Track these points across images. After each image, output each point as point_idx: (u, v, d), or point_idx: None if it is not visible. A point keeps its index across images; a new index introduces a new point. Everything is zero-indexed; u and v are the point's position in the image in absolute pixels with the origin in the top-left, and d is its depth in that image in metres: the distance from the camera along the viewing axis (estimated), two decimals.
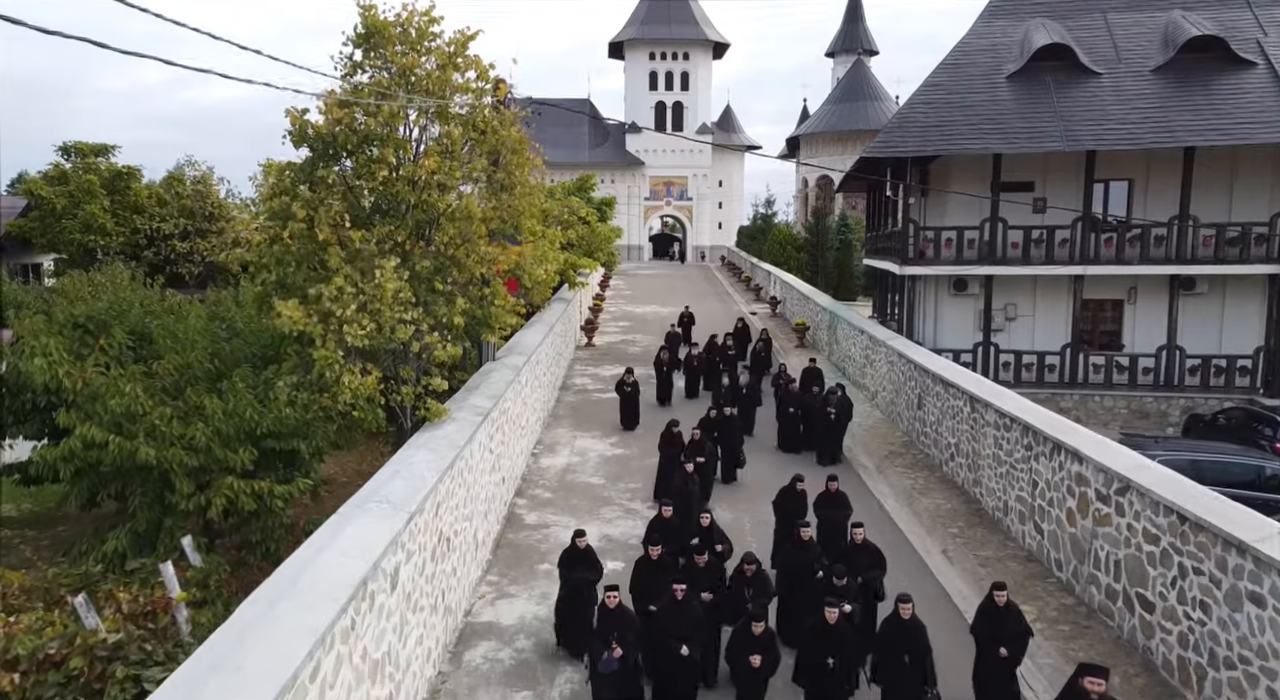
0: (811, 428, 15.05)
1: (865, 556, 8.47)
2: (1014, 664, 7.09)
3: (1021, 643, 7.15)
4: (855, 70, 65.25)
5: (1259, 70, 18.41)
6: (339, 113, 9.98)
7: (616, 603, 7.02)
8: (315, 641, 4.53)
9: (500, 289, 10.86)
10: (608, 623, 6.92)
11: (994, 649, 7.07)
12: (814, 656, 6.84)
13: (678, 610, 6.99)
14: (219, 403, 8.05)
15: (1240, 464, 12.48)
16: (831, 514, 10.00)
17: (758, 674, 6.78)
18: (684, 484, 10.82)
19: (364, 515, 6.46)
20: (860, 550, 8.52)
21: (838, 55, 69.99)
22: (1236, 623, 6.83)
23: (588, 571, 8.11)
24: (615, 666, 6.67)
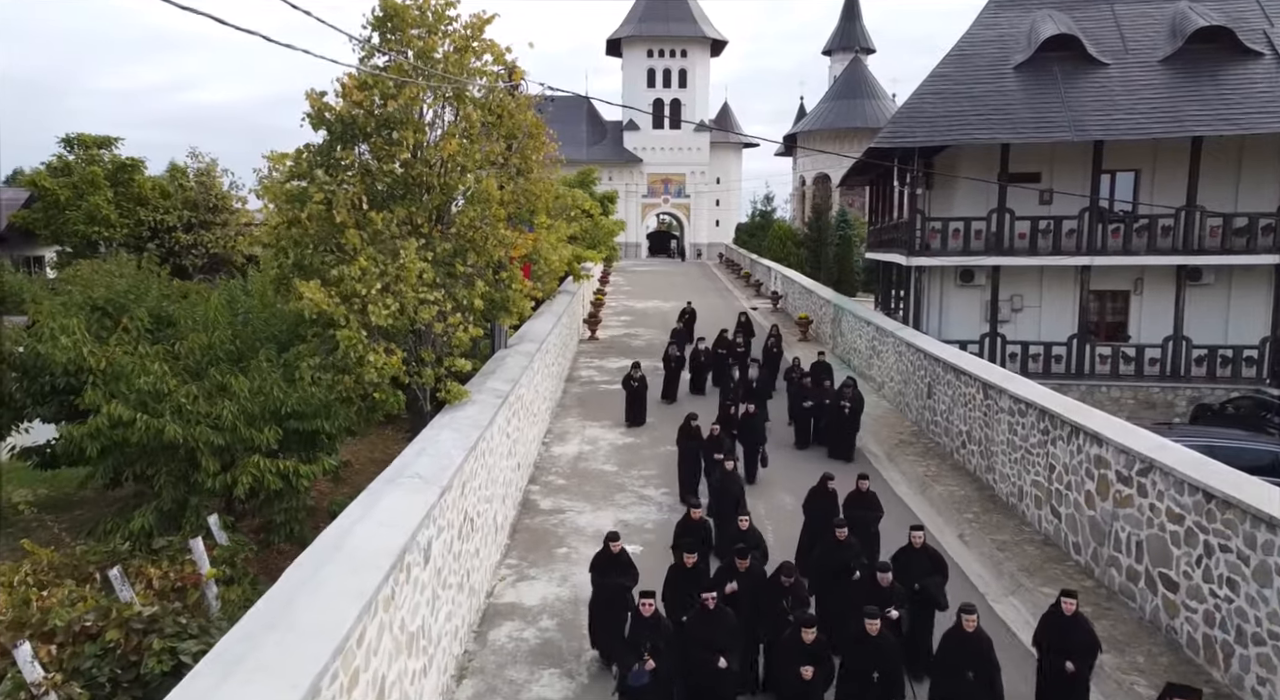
0: (825, 423, 14.77)
1: (924, 561, 7.72)
2: (1082, 680, 6.52)
3: (1090, 657, 6.63)
4: (852, 68, 65.34)
5: (1266, 60, 18.48)
6: (358, 96, 9.94)
7: (652, 611, 6.54)
8: (363, 606, 4.52)
9: (517, 273, 10.84)
10: (641, 631, 6.44)
11: (1060, 662, 6.51)
12: (856, 666, 6.28)
13: (711, 620, 6.50)
14: (244, 381, 8.01)
15: (1253, 450, 12.54)
16: (862, 514, 9.34)
17: (810, 687, 6.13)
18: (724, 481, 10.27)
19: (397, 489, 6.45)
20: (919, 554, 7.73)
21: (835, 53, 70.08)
22: (1266, 599, 6.86)
23: (621, 576, 7.61)
24: (646, 680, 6.20)
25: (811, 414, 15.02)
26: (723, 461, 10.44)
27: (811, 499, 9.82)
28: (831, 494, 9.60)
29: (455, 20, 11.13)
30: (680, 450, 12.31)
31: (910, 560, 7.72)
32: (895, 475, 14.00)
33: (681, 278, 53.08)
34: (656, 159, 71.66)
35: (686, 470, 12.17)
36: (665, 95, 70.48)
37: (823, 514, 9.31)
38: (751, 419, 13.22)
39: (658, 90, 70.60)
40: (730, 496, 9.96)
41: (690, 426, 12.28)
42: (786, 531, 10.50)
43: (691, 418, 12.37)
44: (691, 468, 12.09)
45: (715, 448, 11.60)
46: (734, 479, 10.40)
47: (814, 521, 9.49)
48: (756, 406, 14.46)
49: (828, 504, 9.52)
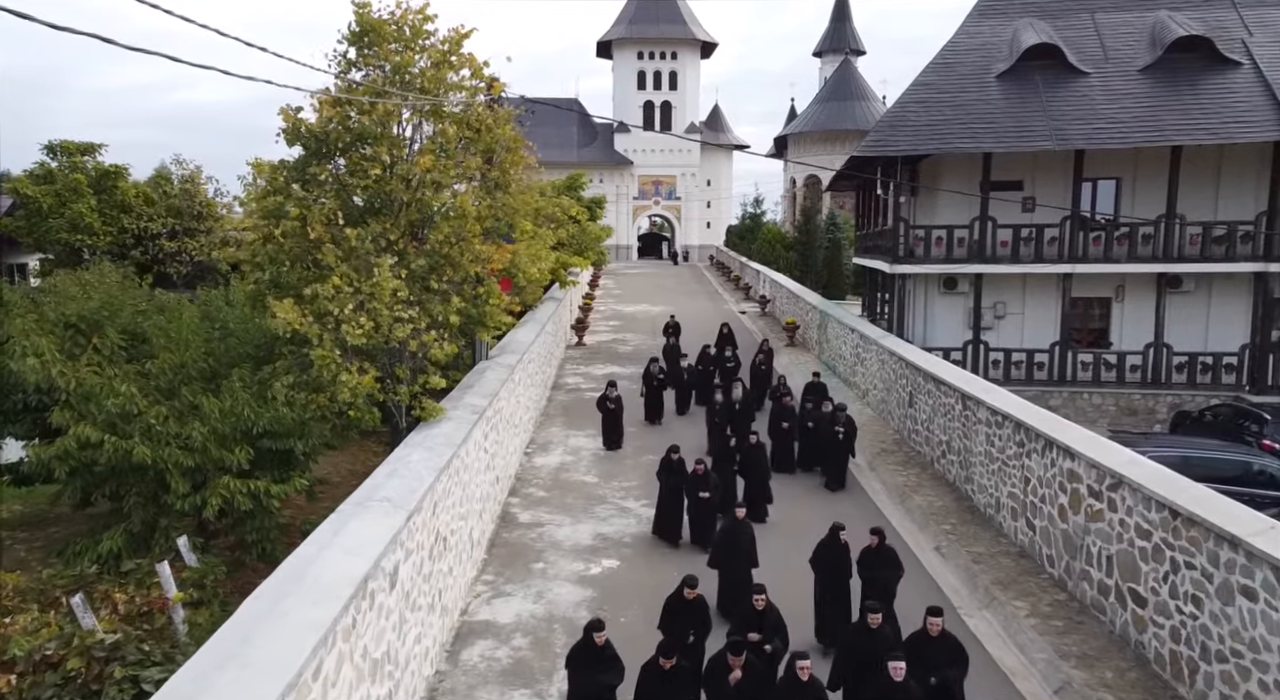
0: (815, 448, 13.78)
1: (941, 651, 6.64)
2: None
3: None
4: (843, 70, 65.56)
5: (1244, 70, 18.67)
6: (332, 111, 9.94)
7: None
8: (319, 639, 4.52)
9: (494, 287, 10.84)
10: None
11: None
12: None
13: None
14: (216, 402, 7.99)
15: (1228, 460, 12.66)
16: (879, 574, 8.25)
17: None
18: (733, 532, 8.73)
19: (365, 513, 6.44)
20: (936, 643, 6.62)
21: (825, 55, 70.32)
22: (1229, 616, 6.93)
23: (604, 673, 6.41)
24: None
25: (791, 436, 13.95)
26: (735, 508, 9.01)
27: (821, 554, 8.49)
28: (844, 548, 8.39)
29: (433, 35, 11.14)
30: (661, 488, 11.01)
31: (926, 649, 6.60)
32: (876, 485, 14.06)
33: (671, 281, 53.13)
34: (647, 161, 71.71)
35: (668, 512, 10.89)
36: (656, 97, 70.56)
37: (836, 573, 8.29)
38: (756, 451, 11.80)
39: (648, 92, 70.67)
40: (741, 552, 8.62)
41: (671, 460, 10.94)
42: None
43: (673, 450, 11.04)
44: (674, 509, 10.86)
45: (701, 486, 10.52)
46: (745, 530, 8.85)
47: (826, 583, 8.37)
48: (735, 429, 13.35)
49: (840, 559, 8.35)
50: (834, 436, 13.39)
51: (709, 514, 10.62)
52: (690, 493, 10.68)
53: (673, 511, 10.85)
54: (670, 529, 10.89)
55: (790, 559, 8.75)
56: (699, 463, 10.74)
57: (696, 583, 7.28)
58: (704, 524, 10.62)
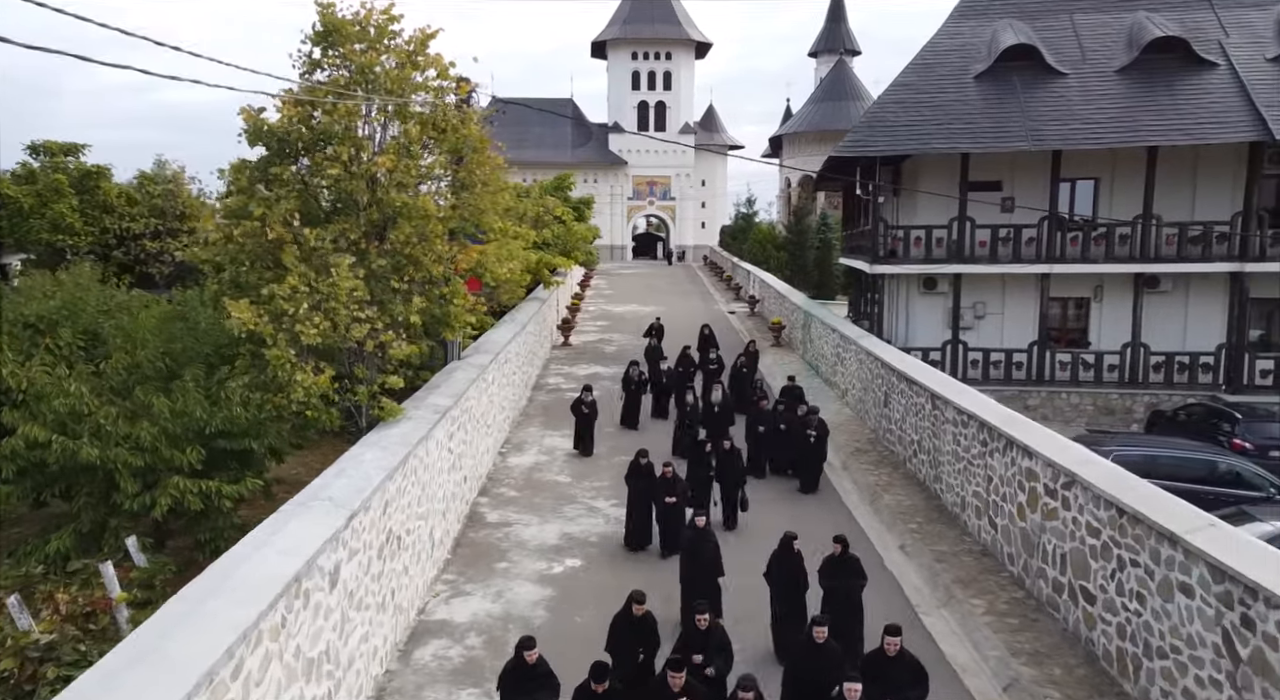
0: (788, 452, 13.62)
1: (901, 671, 6.31)
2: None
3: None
4: (837, 70, 65.63)
5: (1220, 71, 18.74)
6: (294, 111, 9.96)
7: None
8: (237, 638, 4.54)
9: (460, 288, 10.86)
10: None
11: None
12: None
13: None
14: (166, 402, 8.01)
15: (1194, 459, 12.72)
16: (841, 584, 7.93)
17: None
18: (696, 542, 8.49)
19: (306, 513, 6.46)
20: (894, 663, 6.29)
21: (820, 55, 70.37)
22: (1169, 613, 6.98)
23: (537, 692, 6.17)
24: None
25: (766, 440, 13.74)
26: (695, 516, 8.67)
27: (775, 565, 8.17)
28: (798, 557, 8.05)
29: (398, 35, 11.15)
30: (630, 492, 10.80)
31: (886, 669, 6.27)
32: (848, 484, 14.09)
33: (664, 281, 53.17)
34: (642, 161, 71.80)
35: (638, 517, 10.69)
36: (650, 97, 70.63)
37: (790, 586, 7.97)
38: (731, 456, 11.49)
39: (643, 92, 70.75)
40: (702, 563, 8.33)
41: (640, 464, 10.74)
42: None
43: (641, 454, 10.89)
44: (643, 514, 10.65)
45: (668, 490, 10.33)
46: (707, 539, 8.55)
47: (781, 597, 8.03)
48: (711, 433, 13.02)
49: (794, 571, 8.02)
50: (806, 440, 13.26)
51: (677, 519, 10.33)
52: (657, 497, 10.48)
53: (642, 516, 10.69)
54: (639, 535, 10.73)
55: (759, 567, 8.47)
56: (667, 466, 10.59)
57: (644, 599, 6.95)
58: (672, 529, 10.41)
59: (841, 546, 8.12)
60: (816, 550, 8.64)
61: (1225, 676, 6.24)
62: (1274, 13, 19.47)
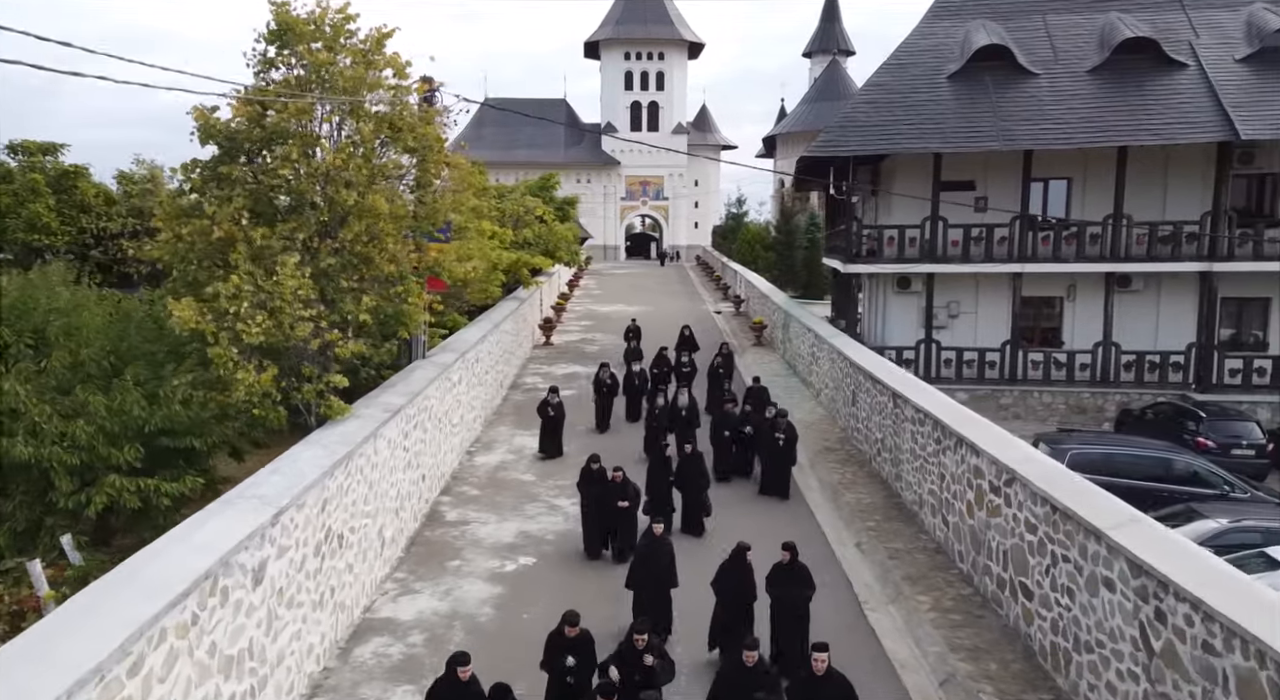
0: (755, 455, 13.43)
1: (830, 691, 6.10)
2: None
3: None
4: (831, 70, 65.70)
5: (1190, 71, 18.81)
6: (246, 110, 9.98)
7: None
8: (132, 634, 4.56)
9: (414, 287, 10.88)
10: None
11: None
12: None
13: None
14: (103, 400, 8.03)
15: (1151, 457, 12.78)
16: (788, 593, 7.78)
17: None
18: (650, 550, 8.28)
19: (229, 510, 6.49)
20: (823, 682, 6.08)
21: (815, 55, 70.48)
22: (1094, 607, 7.03)
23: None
24: None
25: (733, 443, 13.58)
26: (653, 524, 8.47)
27: (723, 576, 7.92)
28: (748, 568, 7.87)
29: (354, 34, 11.17)
30: (582, 499, 10.66)
31: (814, 690, 6.11)
32: (813, 482, 14.13)
33: (654, 281, 53.22)
34: (635, 161, 71.91)
35: (591, 524, 10.55)
36: (643, 98, 70.78)
37: (737, 596, 7.77)
38: (693, 460, 11.33)
39: (636, 92, 70.88)
40: (655, 574, 8.12)
41: (591, 470, 10.61)
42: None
43: (593, 460, 10.74)
44: (594, 522, 10.52)
45: (620, 495, 10.22)
46: (662, 548, 8.33)
47: (729, 608, 7.82)
48: (679, 436, 13.18)
49: (743, 582, 7.80)
50: (774, 443, 12.92)
51: (629, 524, 10.24)
52: (609, 502, 10.28)
53: (595, 523, 10.52)
54: (591, 540, 10.57)
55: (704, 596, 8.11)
56: (617, 471, 10.45)
57: (577, 620, 6.69)
58: (624, 535, 10.32)
59: (791, 554, 7.93)
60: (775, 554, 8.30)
61: (1141, 669, 6.29)
62: (1243, 14, 19.55)
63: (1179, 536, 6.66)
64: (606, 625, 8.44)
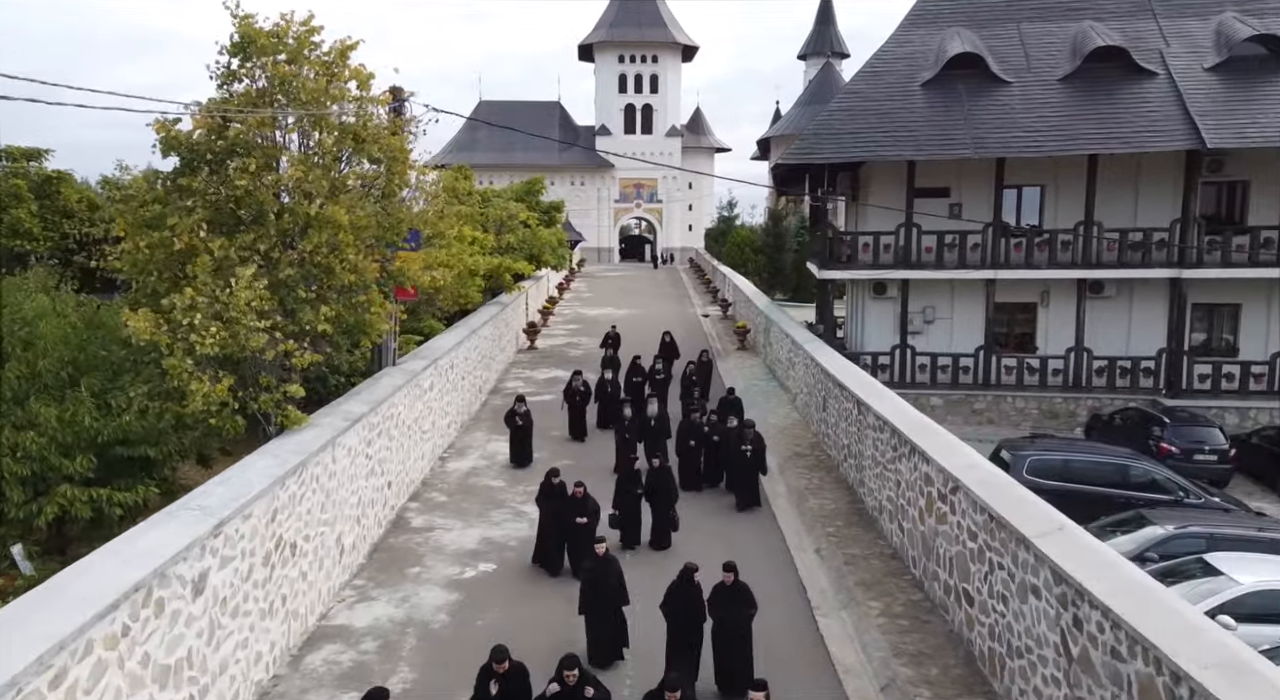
0: (724, 467, 13.40)
1: None
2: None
3: None
4: (824, 73, 65.89)
5: (1160, 80, 18.99)
6: (207, 122, 10.10)
7: None
8: (51, 648, 4.68)
9: (376, 296, 11.01)
10: None
11: None
12: None
13: None
14: (53, 411, 8.15)
15: (1107, 463, 12.94)
16: (730, 613, 7.83)
17: None
18: (597, 572, 8.27)
19: (170, 522, 6.60)
20: None
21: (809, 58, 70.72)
22: (1024, 614, 7.18)
23: None
24: None
25: (699, 453, 13.55)
26: (596, 544, 8.51)
27: (671, 597, 7.95)
28: (696, 589, 7.89)
29: (318, 47, 11.30)
30: (540, 514, 10.59)
31: None
32: (781, 487, 14.26)
33: (645, 284, 53.36)
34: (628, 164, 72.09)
35: (548, 540, 10.38)
36: (637, 100, 71.05)
37: (687, 618, 7.83)
38: (661, 474, 11.29)
39: (629, 95, 71.15)
40: (604, 595, 8.13)
41: (551, 484, 10.58)
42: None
43: (552, 474, 10.76)
44: (551, 537, 10.36)
45: (578, 510, 10.11)
46: (611, 568, 8.33)
47: (678, 628, 7.86)
48: (648, 446, 13.20)
49: (692, 603, 7.86)
50: (741, 455, 12.88)
51: (587, 540, 9.64)
52: (568, 518, 10.15)
53: (553, 538, 10.36)
54: (551, 557, 10.40)
55: None
56: (578, 486, 10.35)
57: (504, 656, 6.53)
58: (582, 551, 9.77)
59: (733, 575, 7.91)
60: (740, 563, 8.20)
61: (1063, 674, 6.43)
62: (1214, 22, 19.75)
63: (1100, 545, 6.81)
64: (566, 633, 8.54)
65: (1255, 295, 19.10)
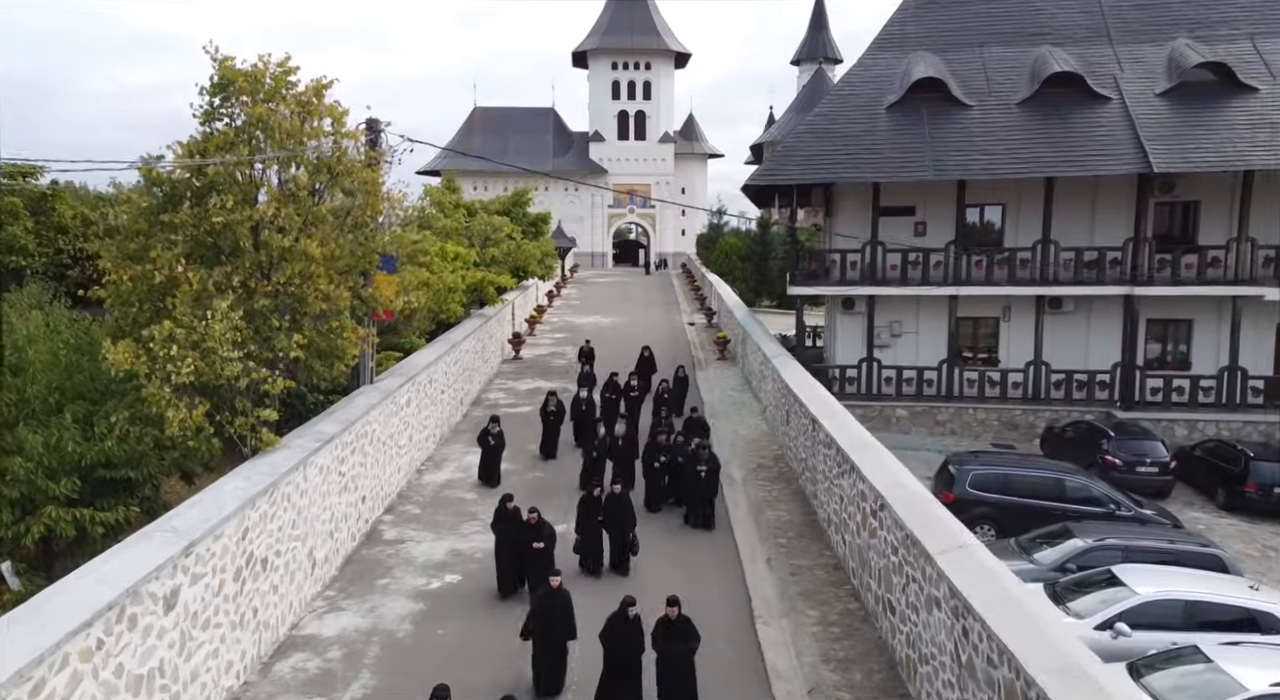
0: (680, 486, 13.60)
1: None
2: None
3: None
4: (816, 79, 66.41)
5: (1113, 105, 19.72)
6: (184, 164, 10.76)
7: None
8: (30, 661, 5.32)
9: (348, 322, 11.66)
10: None
11: None
12: None
13: None
14: (39, 438, 8.78)
15: (1044, 477, 13.63)
16: (672, 648, 7.99)
17: None
18: (546, 601, 8.46)
19: (143, 543, 7.24)
20: None
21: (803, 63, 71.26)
22: (930, 624, 7.84)
23: None
24: None
25: (664, 473, 13.77)
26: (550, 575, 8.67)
27: (610, 630, 8.05)
28: (634, 622, 8.03)
29: (295, 86, 11.97)
30: (496, 539, 10.74)
31: None
32: (741, 499, 14.90)
33: (636, 290, 53.78)
34: (622, 169, 72.81)
35: (504, 565, 10.55)
36: (630, 107, 71.71)
37: (623, 650, 7.95)
38: (619, 500, 11.44)
39: (623, 102, 71.80)
40: (551, 625, 8.31)
41: (506, 509, 10.75)
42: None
43: (507, 499, 10.95)
44: (508, 565, 10.55)
45: (534, 536, 10.28)
46: (560, 600, 8.50)
47: (614, 659, 7.98)
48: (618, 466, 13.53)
49: (630, 636, 7.99)
50: (695, 475, 13.15)
51: (542, 566, 9.86)
52: (524, 542, 10.37)
53: (509, 563, 10.57)
54: (505, 580, 10.63)
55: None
56: (532, 512, 10.57)
57: (446, 694, 6.72)
58: (538, 576, 9.84)
59: (677, 609, 8.08)
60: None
61: (957, 680, 7.09)
62: (1167, 48, 20.48)
63: (991, 562, 7.46)
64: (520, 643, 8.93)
65: (1206, 311, 19.82)
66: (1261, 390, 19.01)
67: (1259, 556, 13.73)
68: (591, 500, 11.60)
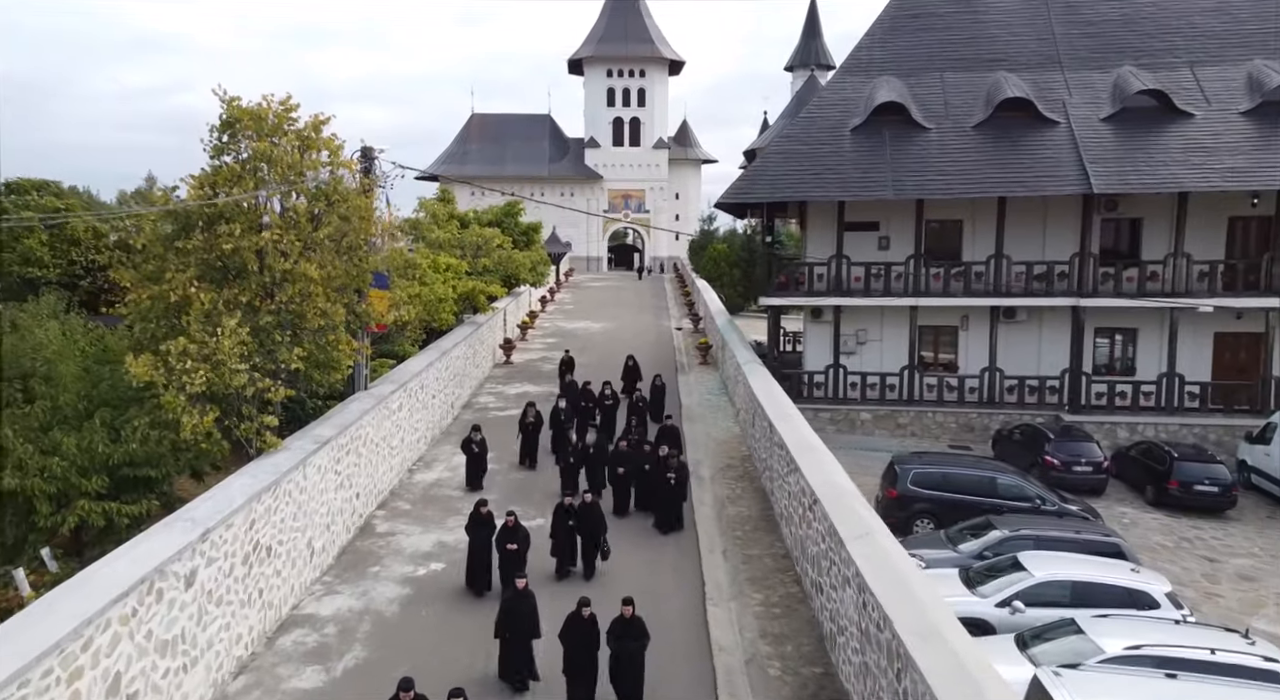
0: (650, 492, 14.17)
1: None
2: None
3: None
4: (809, 86, 67.56)
5: (1060, 128, 21.05)
6: (198, 193, 12.06)
7: None
8: (81, 623, 6.58)
9: (343, 336, 12.94)
10: None
11: None
12: None
13: None
14: (73, 441, 10.01)
15: (977, 476, 14.92)
16: (624, 646, 8.50)
17: None
18: (514, 602, 8.97)
19: (166, 531, 8.50)
20: None
21: (796, 69, 72.47)
22: (844, 601, 9.11)
23: None
24: None
25: (629, 480, 14.37)
26: (515, 579, 9.21)
27: (567, 630, 8.61)
28: (590, 622, 8.53)
29: (296, 122, 13.27)
30: (470, 541, 11.32)
31: None
32: (707, 496, 16.16)
33: (629, 294, 54.79)
34: (617, 175, 74.06)
35: (477, 565, 11.18)
36: (625, 114, 72.96)
37: (580, 648, 8.50)
38: (591, 509, 12.00)
39: (617, 109, 73.04)
40: (517, 625, 8.85)
41: (480, 514, 11.27)
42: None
43: (481, 504, 11.55)
44: (484, 561, 11.19)
45: (509, 538, 10.88)
46: (525, 602, 9.04)
47: (571, 657, 8.51)
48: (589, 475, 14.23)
49: (586, 634, 8.52)
50: (665, 482, 13.77)
51: (516, 566, 10.50)
52: (499, 545, 11.03)
53: (482, 563, 11.24)
54: (478, 580, 11.28)
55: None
56: (510, 515, 11.22)
57: (411, 686, 7.16)
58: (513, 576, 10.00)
59: (630, 608, 8.65)
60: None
61: (860, 646, 8.36)
62: (1113, 75, 21.80)
63: (890, 545, 8.73)
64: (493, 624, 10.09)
65: (1150, 321, 21.14)
66: (1198, 395, 20.32)
67: (1173, 547, 15.00)
68: (564, 508, 12.16)
